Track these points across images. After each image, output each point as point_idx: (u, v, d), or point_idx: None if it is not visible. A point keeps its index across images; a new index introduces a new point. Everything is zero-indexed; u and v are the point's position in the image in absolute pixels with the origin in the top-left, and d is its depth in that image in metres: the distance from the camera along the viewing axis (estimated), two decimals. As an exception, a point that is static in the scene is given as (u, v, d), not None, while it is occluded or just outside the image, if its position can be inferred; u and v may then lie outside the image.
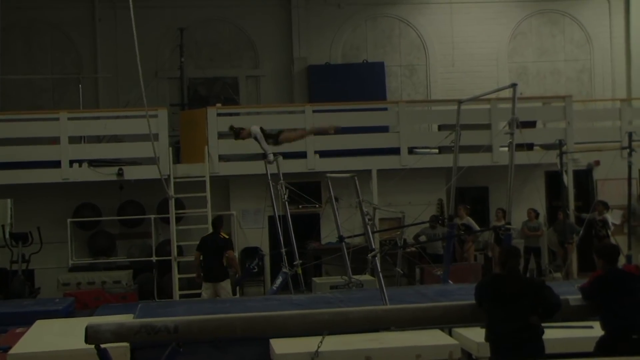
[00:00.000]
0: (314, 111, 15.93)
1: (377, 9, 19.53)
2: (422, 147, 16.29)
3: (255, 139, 11.69)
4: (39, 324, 9.28)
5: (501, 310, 6.35)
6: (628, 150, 13.96)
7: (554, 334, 7.20)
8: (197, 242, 12.74)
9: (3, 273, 15.01)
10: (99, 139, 16.47)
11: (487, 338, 6.53)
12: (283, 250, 12.92)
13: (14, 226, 16.06)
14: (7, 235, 15.17)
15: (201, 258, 12.31)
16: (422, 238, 15.26)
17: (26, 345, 8.13)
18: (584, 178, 16.86)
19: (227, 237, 12.65)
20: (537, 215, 15.83)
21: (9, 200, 16.81)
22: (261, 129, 11.68)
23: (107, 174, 15.13)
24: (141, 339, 6.37)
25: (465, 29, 19.57)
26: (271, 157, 11.99)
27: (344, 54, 19.41)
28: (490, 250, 15.43)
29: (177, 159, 15.87)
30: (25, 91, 18.25)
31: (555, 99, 17.57)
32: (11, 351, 7.86)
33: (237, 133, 11.90)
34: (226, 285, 12.33)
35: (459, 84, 18.91)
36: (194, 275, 13.38)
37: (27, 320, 9.54)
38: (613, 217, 15.64)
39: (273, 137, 11.71)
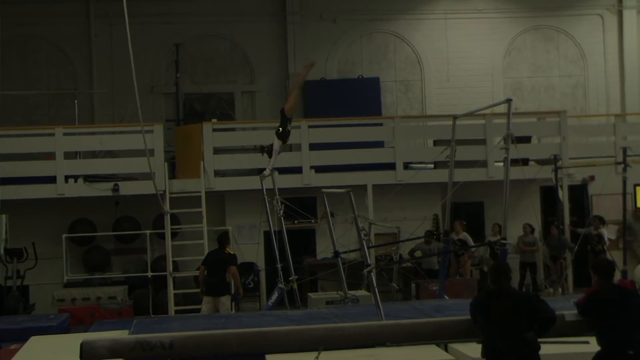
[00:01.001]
0: (309, 126, 15.96)
1: (372, 25, 19.61)
2: (418, 163, 16.32)
3: (270, 153, 11.79)
4: (33, 340, 9.23)
5: (496, 326, 6.35)
6: (623, 165, 13.99)
7: (550, 349, 7.19)
8: (193, 258, 12.74)
9: (-2, 289, 14.95)
10: (94, 155, 16.48)
11: (483, 354, 6.52)
12: (279, 265, 12.90)
13: (8, 242, 15.97)
14: (2, 251, 15.11)
15: (205, 273, 12.32)
16: (418, 253, 15.27)
17: (21, 361, 8.09)
18: (579, 193, 16.89)
19: (232, 252, 12.66)
20: (532, 230, 15.85)
21: (4, 216, 16.73)
22: (277, 133, 11.76)
23: (102, 189, 15.13)
24: (136, 355, 6.34)
25: (460, 45, 19.66)
26: (268, 172, 12.01)
27: (339, 70, 19.47)
28: (486, 265, 15.43)
29: (172, 174, 15.87)
30: (21, 107, 18.27)
31: (550, 114, 17.65)
32: (6, 367, 7.83)
33: (268, 151, 12.01)
34: (226, 301, 12.34)
35: (454, 100, 18.97)
36: (191, 290, 13.41)
37: (21, 337, 9.50)
38: (608, 232, 15.66)
39: (284, 125, 11.74)
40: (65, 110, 18.05)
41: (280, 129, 11.70)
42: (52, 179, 15.02)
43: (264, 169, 12.27)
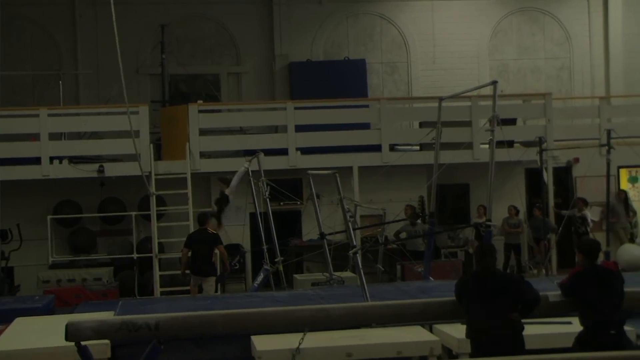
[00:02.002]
0: (295, 108, 15.94)
1: (359, 6, 19.56)
2: (404, 144, 16.35)
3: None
4: (18, 322, 9.21)
5: (481, 307, 6.40)
6: (607, 147, 14.06)
7: (534, 330, 7.26)
8: (179, 239, 12.72)
9: (-18, 270, 14.91)
10: (79, 136, 16.40)
11: (467, 334, 6.58)
12: (264, 247, 12.93)
13: (-7, 223, 15.95)
14: (-13, 233, 15.06)
15: (189, 254, 12.33)
16: (403, 235, 15.32)
17: (5, 343, 8.08)
18: (563, 175, 16.97)
19: (215, 232, 12.68)
20: (517, 212, 15.93)
21: (-12, 197, 16.69)
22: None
23: (87, 170, 15.07)
24: (122, 336, 6.36)
25: (446, 27, 19.66)
26: (247, 164, 12.27)
27: (325, 51, 19.43)
28: (471, 247, 15.51)
29: (158, 155, 15.82)
30: (5, 88, 18.08)
31: (536, 97, 17.69)
32: (-9, 349, 7.82)
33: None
34: (212, 281, 12.42)
35: (440, 82, 18.98)
36: (177, 272, 13.38)
37: (6, 318, 9.46)
38: (592, 214, 15.77)
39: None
40: (50, 91, 17.93)
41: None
42: (37, 160, 14.95)
43: (251, 151, 12.28)
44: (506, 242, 15.94)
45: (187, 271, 12.37)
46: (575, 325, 6.92)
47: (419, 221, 15.41)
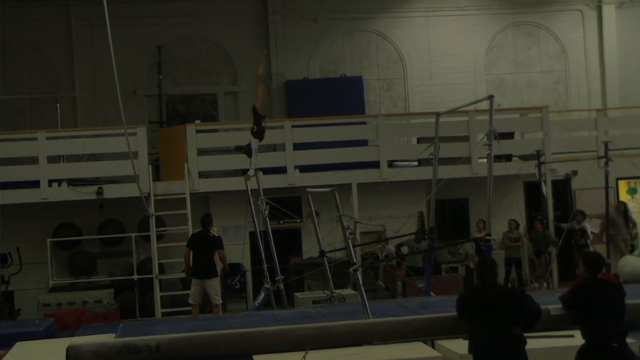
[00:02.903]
0: (293, 126, 15.97)
1: (354, 24, 19.65)
2: (402, 160, 16.37)
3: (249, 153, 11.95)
4: (19, 346, 9.19)
5: (482, 322, 6.38)
6: (605, 159, 14.09)
7: (536, 344, 7.24)
8: (179, 260, 12.74)
9: (-18, 295, 14.87)
10: (78, 158, 16.40)
11: (470, 350, 6.55)
12: (265, 265, 12.92)
13: (-8, 247, 15.92)
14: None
15: (191, 255, 12.40)
16: (404, 249, 15.30)
17: (7, 367, 8.05)
18: (562, 188, 16.99)
19: (216, 235, 12.72)
20: (517, 225, 15.92)
21: (-13, 221, 16.67)
22: (252, 132, 11.94)
23: (86, 193, 15.06)
24: (123, 359, 6.33)
25: (442, 42, 19.74)
26: (252, 172, 12.04)
27: (322, 69, 19.50)
28: (471, 261, 15.49)
29: (156, 176, 15.83)
30: (2, 111, 18.12)
31: (532, 110, 17.72)
32: (-8, 374, 7.79)
33: (247, 151, 12.12)
34: (214, 283, 12.51)
35: (436, 97, 19.04)
36: (177, 292, 13.40)
37: (7, 343, 9.45)
38: (592, 226, 15.77)
39: (258, 122, 11.86)
40: (48, 114, 17.96)
41: (255, 127, 11.80)
42: (35, 184, 14.95)
43: (248, 170, 12.29)
44: (506, 256, 15.92)
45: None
46: (577, 339, 6.90)
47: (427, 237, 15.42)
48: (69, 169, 15.64)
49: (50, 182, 15.02)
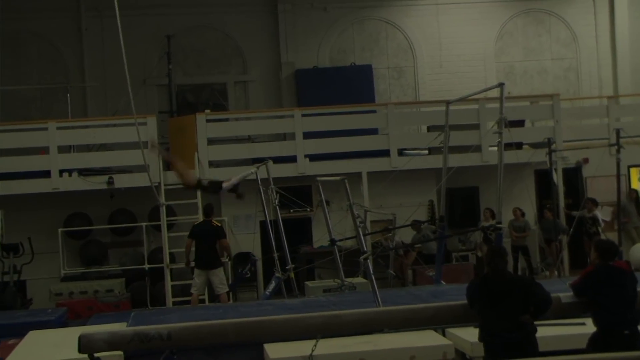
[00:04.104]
0: (302, 115, 15.95)
1: (364, 12, 19.58)
2: (412, 149, 16.33)
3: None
4: (32, 335, 9.25)
5: (492, 310, 6.37)
6: (616, 147, 14.01)
7: (547, 332, 7.23)
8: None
9: (-5, 285, 14.96)
10: (88, 148, 16.44)
11: (480, 338, 6.55)
12: (275, 254, 12.94)
13: (4, 237, 15.95)
14: (-2, 247, 15.11)
15: (193, 246, 12.43)
16: (425, 227, 15.35)
17: (20, 356, 8.11)
18: (573, 176, 16.91)
19: (219, 225, 12.73)
20: (523, 214, 15.84)
21: (-1, 211, 16.75)
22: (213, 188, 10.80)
23: (97, 182, 15.10)
24: (134, 347, 6.37)
25: (452, 30, 19.64)
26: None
27: (332, 58, 19.44)
28: (479, 250, 15.46)
29: (167, 166, 15.84)
30: (13, 102, 18.18)
31: (543, 98, 17.64)
32: (5, 363, 7.85)
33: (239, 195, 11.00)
34: (219, 273, 12.52)
35: (447, 85, 18.97)
36: (189, 281, 13.42)
37: (20, 332, 9.51)
38: (603, 214, 15.69)
39: (205, 189, 10.90)
40: (58, 104, 17.99)
41: (208, 191, 10.95)
42: (46, 174, 14.99)
43: (259, 159, 12.24)
44: (512, 245, 15.85)
45: (192, 264, 12.45)
46: (588, 326, 6.88)
47: (423, 225, 15.39)
48: (79, 159, 15.67)
49: (61, 172, 15.05)
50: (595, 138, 16.57)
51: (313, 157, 15.69)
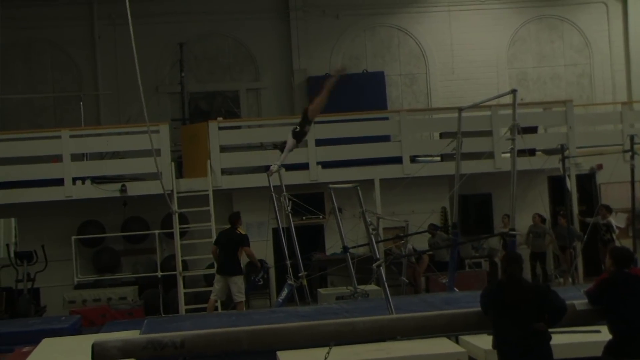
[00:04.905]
0: (315, 122, 15.89)
1: (376, 19, 19.59)
2: (424, 156, 16.28)
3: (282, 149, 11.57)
4: (45, 343, 9.26)
5: (507, 317, 6.33)
6: (630, 153, 13.94)
7: (562, 339, 7.18)
8: (202, 257, 12.84)
9: (9, 292, 15.02)
10: (101, 156, 16.49)
11: (494, 345, 6.51)
12: (288, 262, 12.92)
13: (18, 245, 16.07)
14: (12, 254, 15.17)
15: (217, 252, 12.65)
16: (440, 233, 15.34)
17: (33, 364, 8.12)
18: (587, 182, 16.83)
19: (243, 233, 12.79)
20: (543, 220, 15.77)
21: (12, 220, 16.82)
22: (293, 131, 11.45)
23: (110, 190, 15.15)
24: (148, 355, 6.35)
25: (464, 37, 19.63)
26: (275, 167, 11.88)
27: (344, 65, 19.41)
28: (496, 256, 15.42)
29: (179, 173, 15.89)
30: (26, 110, 18.31)
31: (556, 104, 17.58)
32: (18, 370, 7.86)
33: (281, 148, 11.67)
34: (238, 281, 12.58)
35: (459, 92, 18.94)
36: (202, 289, 13.47)
37: (33, 339, 9.53)
38: (617, 221, 15.60)
39: (303, 125, 11.45)
40: (71, 112, 18.07)
41: (298, 127, 11.42)
42: (59, 182, 15.05)
43: (270, 166, 12.25)
44: (532, 251, 15.80)
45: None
46: (604, 334, 6.82)
47: (438, 231, 15.42)
48: (92, 167, 15.73)
49: (74, 179, 15.12)
50: (609, 144, 16.48)
51: (325, 164, 15.69)
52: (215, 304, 12.95)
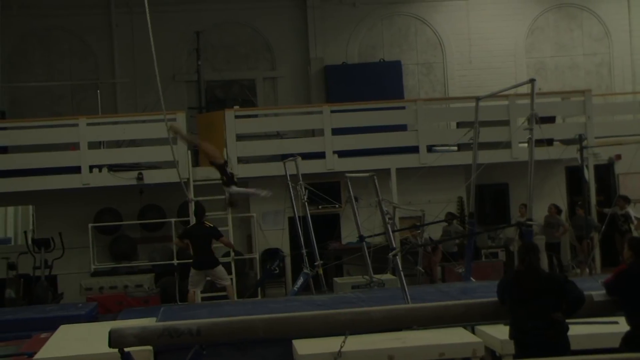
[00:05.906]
0: (331, 111, 15.92)
1: (393, 8, 19.49)
2: (441, 145, 16.24)
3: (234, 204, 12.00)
4: (63, 329, 9.32)
5: (524, 307, 6.31)
6: (649, 143, 13.85)
7: (579, 330, 7.15)
8: (218, 245, 12.85)
9: (26, 279, 15.10)
10: (118, 144, 16.55)
11: (511, 335, 6.49)
12: (304, 251, 12.94)
13: (35, 232, 16.16)
14: (30, 242, 15.27)
15: (190, 247, 12.75)
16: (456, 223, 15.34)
17: (51, 350, 8.17)
18: (605, 172, 16.72)
19: (212, 225, 12.89)
20: (559, 211, 15.69)
21: (30, 207, 16.92)
22: (223, 184, 11.49)
23: (126, 178, 15.19)
24: (164, 342, 6.37)
25: (482, 26, 19.49)
26: (265, 193, 11.86)
27: (361, 54, 19.38)
28: (512, 246, 15.36)
29: (196, 162, 15.90)
30: (44, 98, 18.37)
31: (575, 94, 17.45)
32: (36, 356, 7.91)
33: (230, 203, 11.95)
34: (217, 271, 12.64)
35: (476, 81, 18.83)
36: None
37: (51, 326, 9.59)
38: (635, 212, 15.50)
39: (223, 173, 11.46)
40: (88, 100, 18.11)
41: (223, 178, 11.40)
42: (76, 169, 15.11)
43: (288, 155, 12.26)
44: (547, 242, 15.72)
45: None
46: (621, 325, 6.79)
47: (455, 221, 15.39)
48: (109, 155, 15.77)
49: (91, 167, 15.17)
50: (628, 134, 16.37)
51: (342, 154, 15.66)
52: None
